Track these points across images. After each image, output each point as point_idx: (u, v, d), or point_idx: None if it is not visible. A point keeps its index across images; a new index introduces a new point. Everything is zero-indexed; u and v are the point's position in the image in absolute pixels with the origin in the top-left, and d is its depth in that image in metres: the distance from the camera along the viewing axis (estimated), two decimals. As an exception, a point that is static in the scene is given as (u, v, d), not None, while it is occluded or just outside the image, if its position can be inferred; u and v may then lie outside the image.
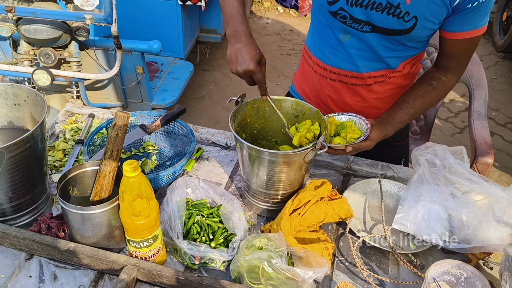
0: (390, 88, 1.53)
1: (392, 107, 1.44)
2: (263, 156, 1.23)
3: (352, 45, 1.43)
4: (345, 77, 1.52)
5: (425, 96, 1.42)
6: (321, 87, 1.61)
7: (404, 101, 1.42)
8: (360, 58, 1.45)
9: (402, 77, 1.51)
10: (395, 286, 1.21)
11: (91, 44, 2.74)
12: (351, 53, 1.45)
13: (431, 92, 1.42)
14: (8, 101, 1.35)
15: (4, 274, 1.20)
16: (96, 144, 1.53)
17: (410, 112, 1.41)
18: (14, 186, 1.22)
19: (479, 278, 1.07)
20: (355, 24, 1.37)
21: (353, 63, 1.48)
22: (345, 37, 1.43)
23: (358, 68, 1.48)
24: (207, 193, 1.39)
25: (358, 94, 1.54)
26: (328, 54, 1.51)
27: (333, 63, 1.51)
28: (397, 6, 1.26)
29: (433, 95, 1.43)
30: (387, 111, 1.43)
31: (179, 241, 1.22)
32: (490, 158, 1.90)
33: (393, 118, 1.40)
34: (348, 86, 1.54)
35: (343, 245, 1.33)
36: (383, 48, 1.40)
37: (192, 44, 4.16)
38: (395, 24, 1.31)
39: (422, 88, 1.43)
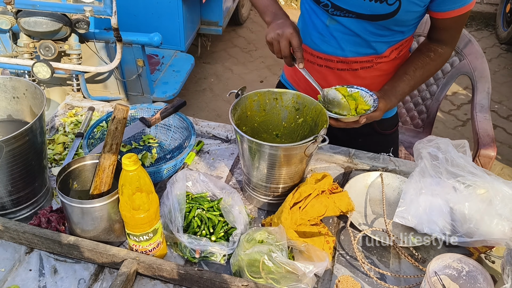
0: (377, 74, 1.54)
1: (393, 78, 1.47)
2: (264, 149, 1.22)
3: (338, 29, 1.45)
4: (331, 62, 1.53)
5: (424, 67, 1.45)
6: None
7: (404, 73, 1.45)
8: (346, 42, 1.47)
9: (388, 63, 1.52)
10: (396, 279, 1.20)
11: (91, 36, 2.72)
12: (337, 37, 1.47)
13: (429, 63, 1.46)
14: (7, 94, 1.35)
15: (4, 268, 1.20)
16: (96, 137, 1.52)
17: (411, 83, 1.45)
18: (13, 179, 1.21)
19: (481, 272, 1.06)
20: (337, 12, 1.38)
21: (339, 48, 1.49)
22: (331, 21, 1.44)
23: (344, 52, 1.49)
24: (208, 187, 1.38)
25: (345, 79, 1.55)
26: (316, 40, 1.52)
27: (320, 48, 1.53)
28: None
29: (432, 66, 1.47)
30: (389, 83, 1.46)
31: (179, 234, 1.22)
32: (492, 151, 1.89)
33: (396, 90, 1.43)
34: (334, 71, 1.55)
35: (344, 238, 1.32)
36: (368, 33, 1.42)
37: (193, 37, 4.14)
38: (378, 9, 1.32)
39: (421, 60, 1.46)
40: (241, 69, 4.67)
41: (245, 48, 5.04)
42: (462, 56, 2.16)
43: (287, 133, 1.46)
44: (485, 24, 5.55)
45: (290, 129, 1.45)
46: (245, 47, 5.06)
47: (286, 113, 1.44)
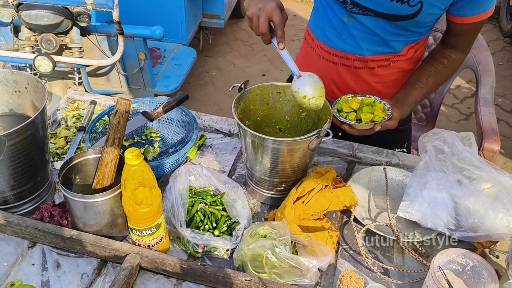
0: (393, 72, 1.52)
1: (406, 86, 1.45)
2: (267, 143, 1.22)
3: (356, 27, 1.42)
4: (348, 60, 1.50)
5: (437, 75, 1.44)
6: (323, 71, 1.58)
7: (417, 81, 1.44)
8: (364, 40, 1.44)
9: (406, 61, 1.50)
10: (399, 274, 1.20)
11: (92, 30, 2.71)
12: (355, 35, 1.44)
13: (442, 70, 1.44)
14: (8, 88, 1.34)
15: (7, 262, 1.20)
16: (98, 131, 1.51)
17: (424, 91, 1.43)
18: (15, 173, 1.21)
19: (485, 267, 1.06)
20: (356, 9, 1.35)
21: (356, 46, 1.46)
22: (349, 18, 1.41)
23: (361, 50, 1.46)
24: (210, 181, 1.37)
25: (361, 77, 1.53)
26: (331, 37, 1.49)
27: (336, 46, 1.50)
28: None
29: (445, 73, 1.45)
30: (401, 91, 1.45)
31: (182, 229, 1.21)
32: (496, 145, 1.88)
33: (408, 98, 1.42)
34: (350, 69, 1.52)
35: (348, 233, 1.32)
36: (386, 32, 1.39)
37: (195, 30, 4.12)
38: (399, 9, 1.29)
39: (433, 67, 1.44)
40: (243, 62, 4.65)
41: (247, 41, 5.02)
42: (466, 49, 2.14)
43: (291, 127, 1.46)
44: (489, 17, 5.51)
45: (294, 123, 1.45)
46: (247, 40, 5.04)
47: (289, 107, 1.43)
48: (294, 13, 5.58)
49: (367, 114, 1.30)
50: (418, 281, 1.15)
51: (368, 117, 1.30)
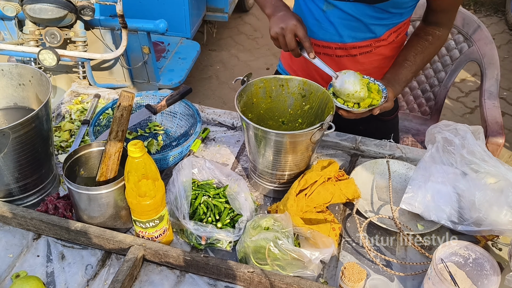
0: (376, 59, 1.53)
1: (394, 66, 1.46)
2: (270, 136, 1.22)
3: (336, 15, 1.42)
4: (330, 49, 1.51)
5: (424, 52, 1.44)
6: (307, 63, 1.55)
7: (405, 59, 1.44)
8: (344, 27, 1.45)
9: (387, 47, 1.51)
10: (402, 266, 1.20)
11: (96, 23, 2.71)
12: (335, 23, 1.45)
13: (428, 47, 1.45)
14: (13, 81, 1.35)
15: (12, 254, 1.21)
16: (102, 125, 1.52)
17: (413, 69, 1.44)
18: (20, 166, 1.22)
19: (488, 259, 1.06)
20: None
21: (337, 34, 1.47)
22: (328, 6, 1.42)
23: (342, 38, 1.47)
24: (214, 174, 1.38)
25: (344, 66, 1.52)
26: (312, 27, 1.49)
27: (317, 35, 1.50)
28: None
29: (431, 50, 1.46)
30: (390, 70, 1.45)
31: (186, 221, 1.22)
32: (501, 138, 1.87)
33: (399, 77, 1.42)
34: (333, 58, 1.53)
35: (350, 226, 1.32)
36: (367, 16, 1.40)
37: (198, 24, 4.11)
38: None
39: (420, 45, 1.45)
40: (247, 56, 4.64)
41: (251, 35, 5.01)
42: (471, 42, 2.13)
43: (293, 120, 1.46)
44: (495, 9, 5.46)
45: (296, 116, 1.45)
46: (251, 34, 5.02)
47: (292, 100, 1.43)
48: (298, 7, 5.55)
49: (365, 100, 1.30)
50: (420, 273, 1.15)
51: (367, 102, 1.30)
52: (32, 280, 1.08)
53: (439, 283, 1.02)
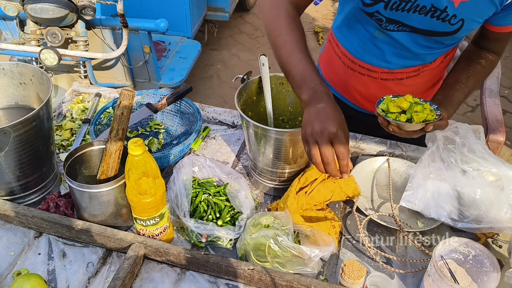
0: (422, 81, 1.49)
1: (445, 88, 1.38)
2: (269, 134, 1.22)
3: (386, 42, 1.37)
4: (375, 72, 1.46)
5: (476, 75, 1.37)
6: (347, 79, 1.54)
7: (457, 81, 1.36)
8: (393, 55, 1.40)
9: (435, 69, 1.47)
10: (402, 264, 1.20)
11: (97, 23, 2.72)
12: (384, 50, 1.39)
13: (481, 71, 1.38)
14: (14, 80, 1.35)
15: (13, 252, 1.22)
16: (103, 123, 1.53)
17: (465, 91, 1.36)
18: (21, 164, 1.22)
19: (487, 256, 1.06)
20: (391, 26, 1.30)
21: (384, 60, 1.42)
22: (380, 33, 1.36)
23: (390, 65, 1.43)
24: (214, 172, 1.38)
25: (388, 88, 1.49)
26: (358, 48, 1.44)
27: (363, 57, 1.45)
28: (443, 10, 1.19)
29: (483, 74, 1.40)
30: (441, 93, 1.37)
31: (186, 219, 1.22)
32: (501, 136, 1.87)
33: (452, 99, 1.33)
34: (377, 80, 1.48)
35: (350, 223, 1.32)
36: (419, 46, 1.35)
37: (199, 23, 4.12)
38: (437, 26, 1.25)
39: (472, 68, 1.38)
40: (248, 55, 4.65)
41: (252, 34, 5.01)
42: (472, 40, 2.12)
43: (294, 118, 1.46)
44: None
45: (297, 114, 1.45)
46: (252, 33, 5.03)
47: (292, 98, 1.43)
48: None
49: (419, 114, 1.20)
50: (420, 271, 1.15)
51: (421, 116, 1.19)
52: (33, 277, 1.09)
53: (439, 280, 1.02)
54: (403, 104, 1.22)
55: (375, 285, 1.11)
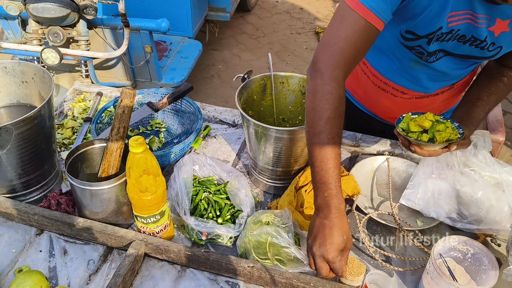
0: (453, 93, 1.49)
1: (466, 105, 1.34)
2: (270, 132, 1.23)
3: (423, 71, 1.36)
4: (409, 94, 1.45)
5: (497, 93, 1.34)
6: (377, 98, 1.52)
7: (478, 98, 1.33)
8: (430, 81, 1.39)
9: (467, 80, 1.48)
10: (401, 262, 1.21)
11: (99, 23, 2.73)
12: (420, 78, 1.38)
13: (503, 89, 1.35)
14: (16, 78, 1.36)
15: (15, 249, 1.22)
16: (104, 122, 1.54)
17: (486, 109, 1.33)
18: (23, 162, 1.23)
19: (486, 254, 1.06)
20: (429, 58, 1.28)
21: (421, 85, 1.41)
22: (416, 65, 1.34)
23: (427, 89, 1.42)
24: (214, 170, 1.39)
25: (422, 104, 1.48)
26: (392, 72, 1.42)
27: (397, 81, 1.43)
28: (483, 40, 1.18)
29: (505, 91, 1.36)
30: (462, 110, 1.33)
31: (186, 217, 1.23)
32: (501, 136, 1.88)
33: (472, 116, 1.30)
34: (411, 100, 1.47)
35: (350, 222, 1.30)
36: (455, 69, 1.34)
37: (200, 23, 4.12)
38: (475, 52, 1.24)
39: (493, 85, 1.34)
40: (249, 55, 4.66)
41: (253, 34, 5.02)
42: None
43: (294, 117, 1.47)
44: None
45: (297, 113, 1.46)
46: (253, 33, 5.04)
47: (292, 97, 1.44)
48: (301, 6, 5.57)
49: (442, 133, 1.16)
50: (419, 269, 1.16)
51: (444, 136, 1.16)
52: (34, 274, 1.09)
53: (437, 278, 1.03)
54: (424, 123, 1.18)
55: (374, 283, 1.11)
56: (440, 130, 1.18)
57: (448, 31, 1.17)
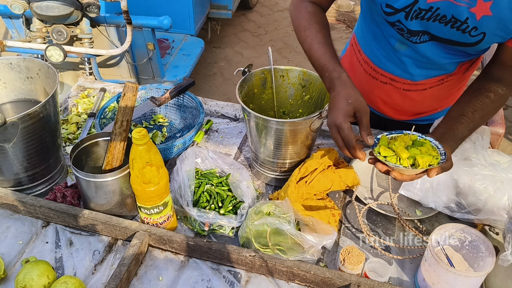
0: (445, 90, 1.47)
1: (448, 120, 1.24)
2: (270, 125, 1.25)
3: (408, 54, 1.36)
4: (398, 82, 1.46)
5: (483, 109, 1.24)
6: (369, 87, 1.54)
7: (462, 115, 1.23)
8: (415, 67, 1.39)
9: (459, 78, 1.45)
10: (400, 250, 1.23)
11: (102, 21, 2.75)
12: (406, 62, 1.38)
13: (489, 105, 1.24)
14: (21, 74, 1.39)
15: (22, 241, 1.25)
16: (108, 117, 1.56)
17: (470, 126, 1.23)
18: (29, 156, 1.26)
19: (483, 241, 1.08)
20: (412, 37, 1.28)
21: (407, 71, 1.41)
22: (401, 46, 1.35)
23: (413, 76, 1.42)
24: (216, 163, 1.41)
25: (411, 98, 1.49)
26: (380, 57, 1.43)
27: (385, 67, 1.44)
28: (464, 21, 1.16)
29: (491, 108, 1.26)
30: (444, 125, 1.24)
31: (189, 208, 1.25)
32: (501, 128, 1.89)
33: (455, 133, 1.20)
34: (400, 90, 1.48)
35: (350, 212, 1.35)
36: (441, 56, 1.32)
37: (202, 21, 4.14)
38: (457, 37, 1.21)
39: (479, 101, 1.24)
40: (251, 53, 4.67)
41: (255, 32, 5.04)
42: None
43: (294, 110, 1.49)
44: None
45: (297, 106, 1.48)
46: (255, 31, 5.05)
47: (292, 91, 1.46)
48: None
49: (424, 157, 1.08)
50: (418, 257, 1.18)
51: (426, 160, 1.07)
52: (41, 264, 1.12)
53: (435, 265, 1.05)
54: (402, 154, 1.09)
55: (373, 271, 1.13)
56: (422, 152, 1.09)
57: (427, 8, 1.17)
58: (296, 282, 1.15)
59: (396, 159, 1.10)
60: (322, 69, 1.20)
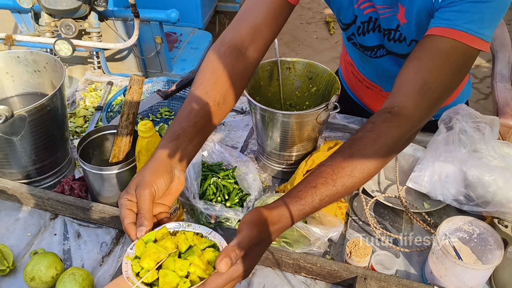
0: None
1: (303, 181, 0.88)
2: (277, 117, 1.24)
3: (372, 68, 1.36)
4: (376, 89, 1.48)
5: (351, 164, 0.86)
6: (357, 89, 1.57)
7: (320, 176, 0.87)
8: (382, 78, 1.40)
9: None
10: (407, 243, 1.22)
11: (110, 14, 2.76)
12: (372, 74, 1.41)
13: (362, 150, 0.88)
14: (28, 67, 1.39)
15: (30, 233, 1.26)
16: (115, 111, 1.57)
17: (329, 191, 0.85)
18: (37, 149, 1.27)
19: (491, 234, 1.07)
20: (367, 52, 1.30)
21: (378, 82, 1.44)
22: (364, 59, 1.36)
23: (384, 87, 1.44)
24: (223, 156, 1.41)
25: None
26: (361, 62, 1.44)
27: (364, 72, 1.47)
28: (396, 29, 1.14)
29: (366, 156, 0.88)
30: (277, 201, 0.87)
31: (195, 201, 1.26)
32: (511, 120, 1.86)
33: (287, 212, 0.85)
34: (382, 95, 1.49)
35: (357, 205, 1.34)
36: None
37: (210, 14, 4.13)
38: (398, 48, 1.20)
39: (347, 150, 0.89)
40: (259, 46, 4.66)
41: (264, 25, 5.01)
42: (482, 25, 2.11)
43: (301, 102, 1.48)
44: None
45: (304, 99, 1.47)
46: (263, 24, 5.03)
47: (299, 83, 1.45)
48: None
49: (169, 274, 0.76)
50: (425, 250, 1.17)
51: (171, 280, 0.75)
52: (49, 256, 1.13)
53: (442, 257, 1.04)
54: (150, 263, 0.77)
55: (380, 264, 1.13)
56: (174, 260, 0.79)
57: (367, 20, 1.15)
58: (303, 274, 1.15)
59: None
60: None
